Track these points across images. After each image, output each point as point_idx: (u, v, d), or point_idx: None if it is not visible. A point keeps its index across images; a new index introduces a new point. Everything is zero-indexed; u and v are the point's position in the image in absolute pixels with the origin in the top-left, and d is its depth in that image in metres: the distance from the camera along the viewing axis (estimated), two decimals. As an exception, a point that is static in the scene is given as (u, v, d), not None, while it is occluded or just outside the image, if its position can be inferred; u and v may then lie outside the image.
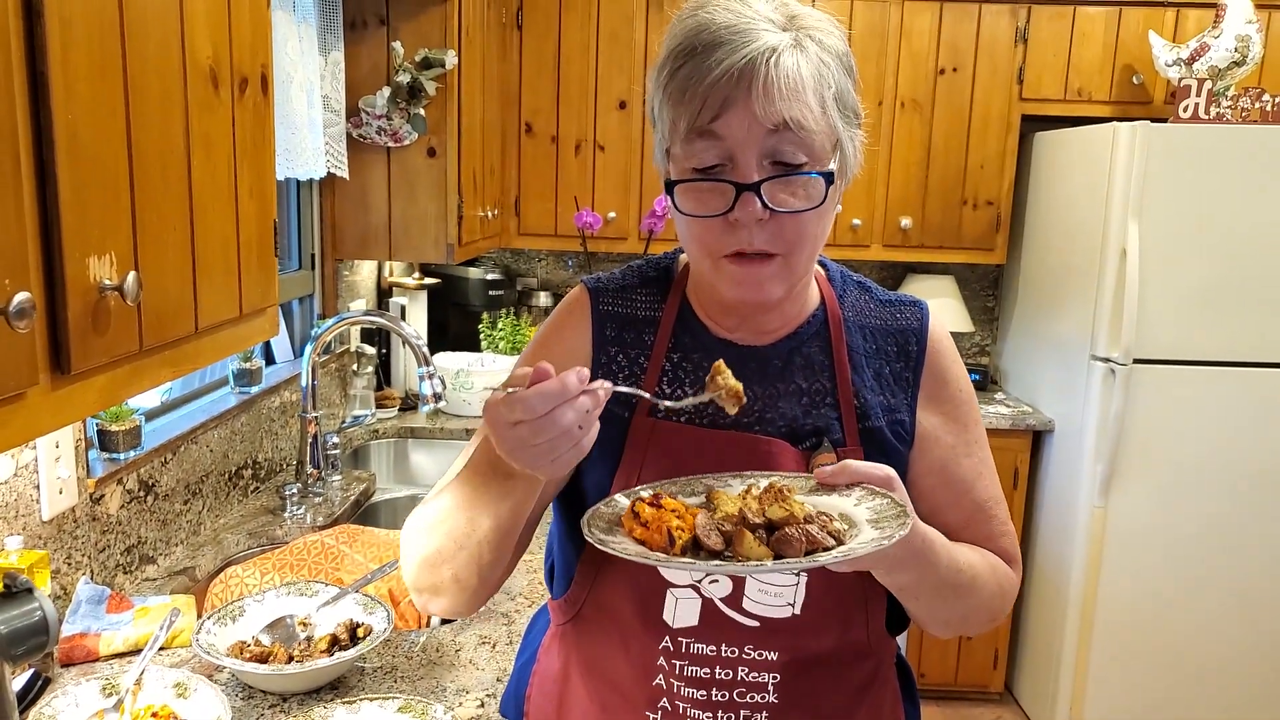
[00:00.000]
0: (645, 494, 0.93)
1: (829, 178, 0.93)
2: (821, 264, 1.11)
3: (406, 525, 1.05)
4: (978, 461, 1.08)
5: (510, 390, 0.82)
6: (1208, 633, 3.02)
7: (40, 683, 1.28)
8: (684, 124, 0.91)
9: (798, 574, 0.96)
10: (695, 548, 0.87)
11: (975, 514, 1.07)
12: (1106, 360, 2.90)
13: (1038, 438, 3.25)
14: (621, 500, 0.94)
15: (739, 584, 0.99)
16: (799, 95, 0.89)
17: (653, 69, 0.96)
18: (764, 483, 0.94)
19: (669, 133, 0.94)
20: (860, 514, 0.90)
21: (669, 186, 0.94)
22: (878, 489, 0.90)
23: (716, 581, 0.99)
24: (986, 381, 3.58)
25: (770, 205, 0.90)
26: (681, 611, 1.00)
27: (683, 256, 1.11)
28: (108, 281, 0.85)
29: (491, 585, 1.00)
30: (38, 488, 1.45)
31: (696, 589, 0.99)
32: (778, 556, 0.84)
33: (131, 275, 0.86)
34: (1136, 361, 2.87)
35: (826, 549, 0.84)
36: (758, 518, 0.87)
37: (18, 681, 1.25)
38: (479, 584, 0.98)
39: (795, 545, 0.83)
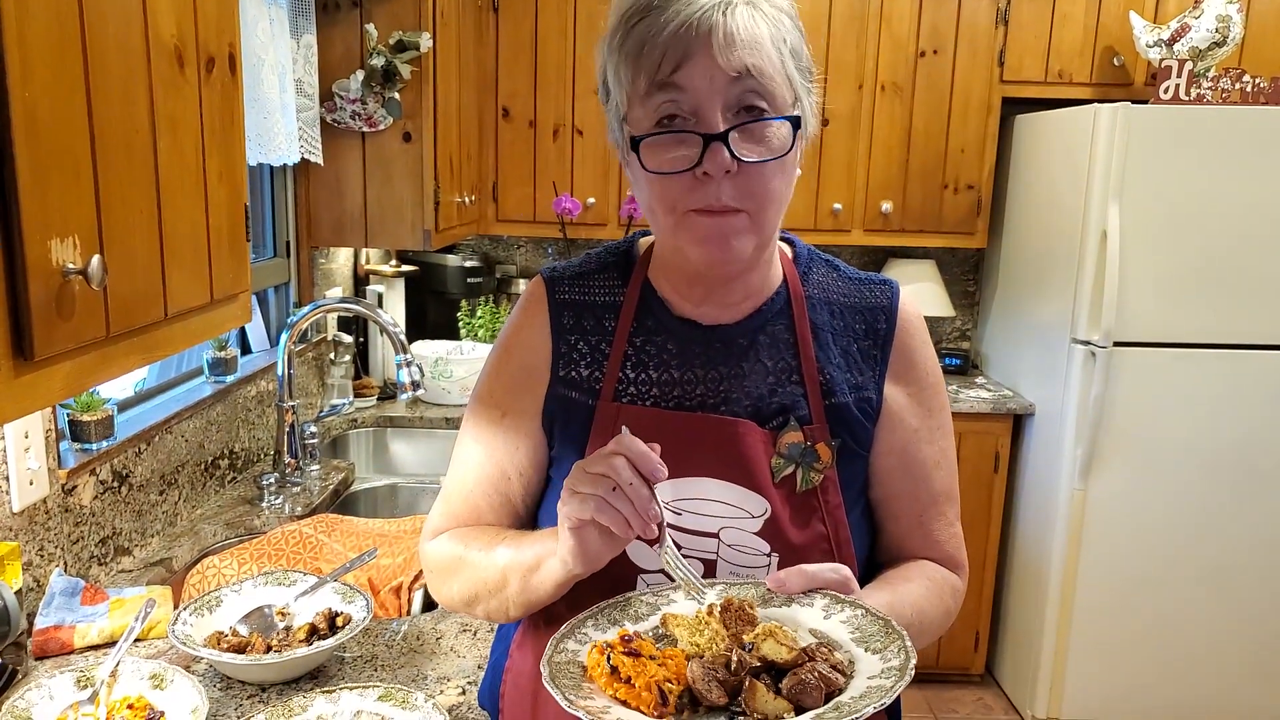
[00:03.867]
0: (609, 635, 0.85)
1: (795, 122, 0.92)
2: (790, 241, 1.10)
3: (432, 551, 1.08)
4: (938, 451, 1.07)
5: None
6: (1187, 614, 3.04)
7: (7, 674, 1.26)
8: (644, 79, 0.89)
9: None
10: (693, 702, 0.79)
11: (929, 508, 1.06)
12: (1087, 343, 2.91)
13: (1018, 421, 3.26)
14: (571, 645, 0.86)
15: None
16: (758, 43, 0.88)
17: (602, 39, 0.94)
18: (710, 594, 0.90)
19: (628, 93, 0.92)
20: (838, 632, 0.85)
21: (634, 143, 0.92)
22: (843, 597, 0.88)
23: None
24: (967, 366, 3.59)
25: (738, 155, 0.89)
26: None
27: (643, 240, 1.10)
28: (71, 265, 0.83)
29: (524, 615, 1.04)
30: (7, 479, 1.42)
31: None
32: (798, 709, 0.76)
33: (96, 259, 0.84)
34: (1117, 344, 2.88)
35: (840, 689, 0.77)
36: (754, 659, 0.80)
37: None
38: (510, 619, 1.03)
39: (814, 693, 0.76)
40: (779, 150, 0.91)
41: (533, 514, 1.10)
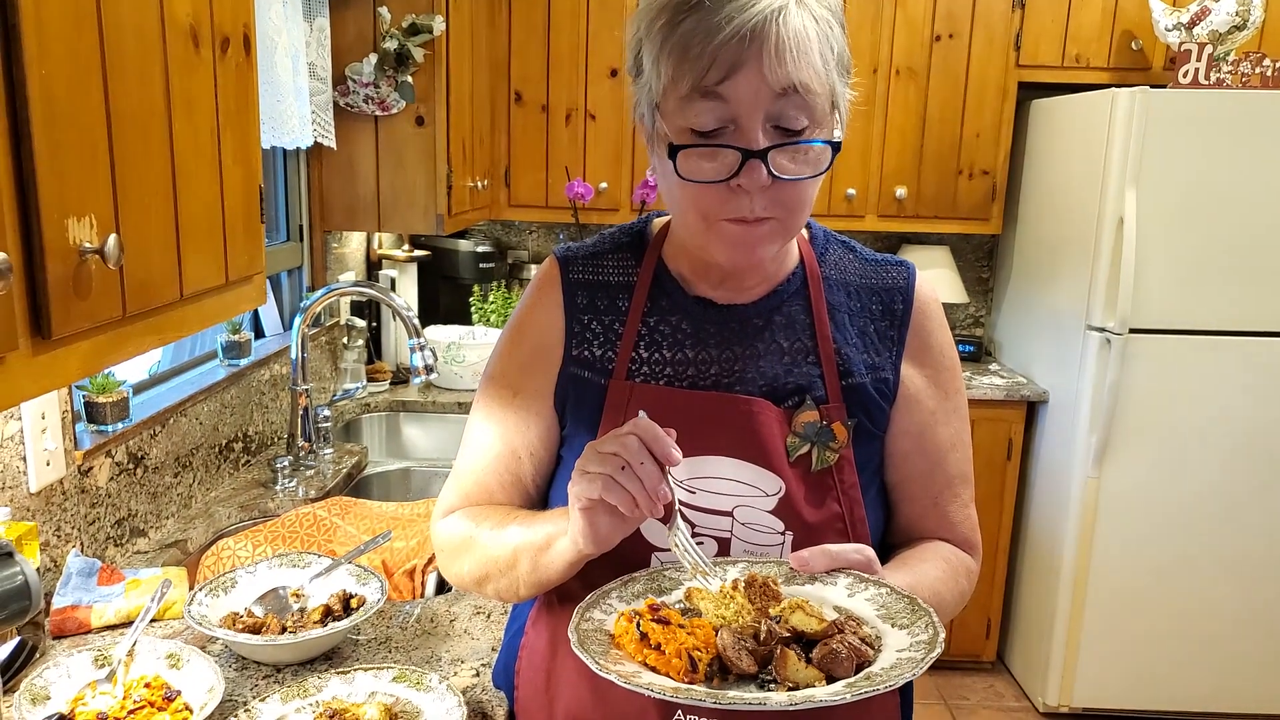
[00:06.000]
0: (636, 606, 0.85)
1: (836, 147, 0.91)
2: (806, 224, 1.10)
3: (444, 529, 1.09)
4: (954, 433, 1.07)
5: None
6: (1200, 603, 3.03)
7: (28, 651, 1.27)
8: (687, 83, 0.88)
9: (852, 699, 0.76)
10: (722, 670, 0.80)
11: (944, 490, 1.06)
12: (1102, 330, 2.89)
13: (1032, 409, 3.24)
14: (597, 614, 0.87)
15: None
16: (807, 57, 0.87)
17: (640, 14, 0.92)
18: (732, 572, 0.90)
19: (665, 88, 0.90)
20: (863, 609, 0.85)
21: (672, 151, 0.90)
22: (867, 576, 0.89)
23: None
24: (981, 353, 3.57)
25: (776, 173, 0.88)
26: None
27: (657, 220, 1.10)
28: (88, 244, 0.83)
29: (534, 595, 1.05)
30: (24, 459, 1.43)
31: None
32: (829, 678, 0.77)
33: (112, 238, 0.84)
34: (1132, 331, 2.86)
35: (869, 661, 0.78)
36: (784, 630, 0.81)
37: (3, 650, 1.24)
38: (520, 599, 1.04)
39: (845, 663, 0.77)
40: (817, 168, 0.91)
41: (543, 493, 1.10)
